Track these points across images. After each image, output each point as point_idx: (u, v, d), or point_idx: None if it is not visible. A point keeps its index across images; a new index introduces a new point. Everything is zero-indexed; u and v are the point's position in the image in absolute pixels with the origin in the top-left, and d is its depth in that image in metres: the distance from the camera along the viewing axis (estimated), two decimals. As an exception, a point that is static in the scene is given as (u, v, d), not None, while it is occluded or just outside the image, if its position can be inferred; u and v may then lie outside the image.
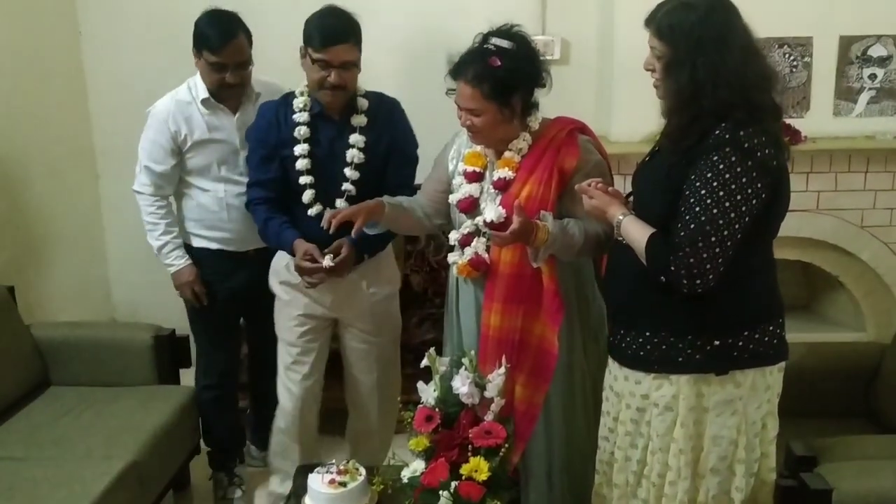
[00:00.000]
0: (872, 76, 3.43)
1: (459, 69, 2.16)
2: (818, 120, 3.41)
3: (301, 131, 2.49)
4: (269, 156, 2.54)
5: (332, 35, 2.37)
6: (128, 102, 3.66)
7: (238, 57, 2.62)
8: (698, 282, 1.77)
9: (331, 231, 2.26)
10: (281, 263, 2.66)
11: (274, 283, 2.70)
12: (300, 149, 2.49)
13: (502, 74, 2.12)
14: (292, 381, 2.72)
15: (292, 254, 2.50)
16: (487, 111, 2.15)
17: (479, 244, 2.28)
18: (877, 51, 3.41)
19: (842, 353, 2.83)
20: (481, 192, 2.29)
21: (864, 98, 3.45)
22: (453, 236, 2.35)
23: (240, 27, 2.64)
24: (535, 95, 2.24)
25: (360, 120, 2.51)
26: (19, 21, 3.32)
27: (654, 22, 1.84)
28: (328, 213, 2.29)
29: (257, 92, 2.75)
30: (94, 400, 2.78)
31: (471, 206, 2.29)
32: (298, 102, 2.51)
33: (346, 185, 2.52)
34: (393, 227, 2.44)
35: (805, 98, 3.43)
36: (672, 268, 1.78)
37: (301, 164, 2.50)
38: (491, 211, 2.16)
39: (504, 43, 2.15)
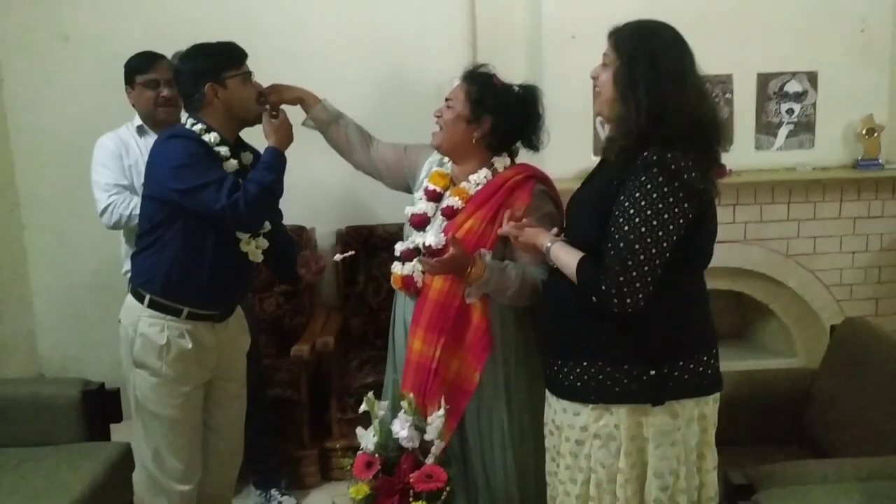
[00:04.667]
0: (790, 111, 3.58)
1: (469, 73, 2.33)
2: (741, 154, 3.52)
3: (231, 163, 2.33)
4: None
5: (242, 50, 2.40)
6: (53, 152, 3.61)
7: (166, 74, 2.79)
8: (628, 300, 1.80)
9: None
10: (155, 334, 2.35)
11: (151, 361, 2.36)
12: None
13: (490, 92, 2.26)
14: (180, 461, 2.45)
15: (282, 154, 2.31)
16: (458, 107, 2.27)
17: (417, 264, 2.29)
18: (793, 87, 3.57)
19: (774, 379, 2.88)
20: (434, 213, 2.33)
21: (783, 132, 3.60)
22: (398, 247, 2.37)
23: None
24: (514, 146, 2.35)
25: (247, 157, 2.44)
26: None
27: (616, 34, 1.91)
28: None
29: None
30: (20, 460, 2.65)
31: (421, 223, 2.33)
32: (213, 137, 2.31)
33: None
34: (321, 129, 2.52)
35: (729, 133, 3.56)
36: (602, 287, 1.81)
37: None
38: (432, 235, 2.21)
39: (515, 85, 2.31)
